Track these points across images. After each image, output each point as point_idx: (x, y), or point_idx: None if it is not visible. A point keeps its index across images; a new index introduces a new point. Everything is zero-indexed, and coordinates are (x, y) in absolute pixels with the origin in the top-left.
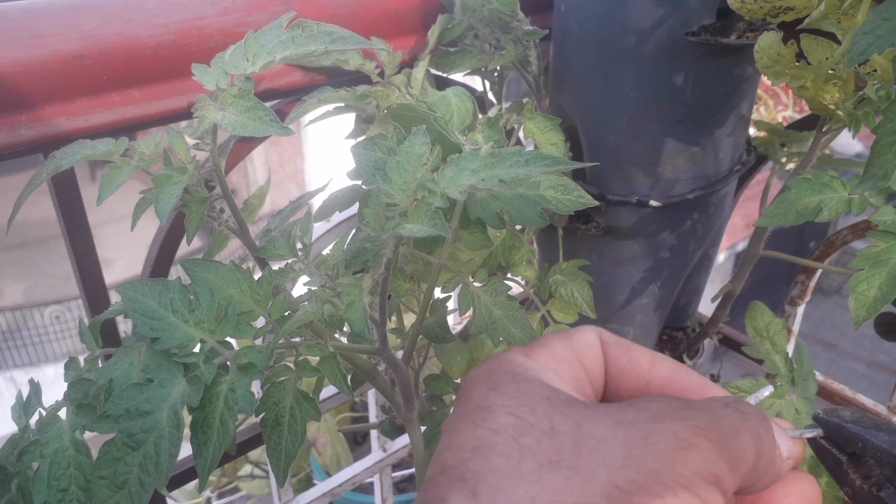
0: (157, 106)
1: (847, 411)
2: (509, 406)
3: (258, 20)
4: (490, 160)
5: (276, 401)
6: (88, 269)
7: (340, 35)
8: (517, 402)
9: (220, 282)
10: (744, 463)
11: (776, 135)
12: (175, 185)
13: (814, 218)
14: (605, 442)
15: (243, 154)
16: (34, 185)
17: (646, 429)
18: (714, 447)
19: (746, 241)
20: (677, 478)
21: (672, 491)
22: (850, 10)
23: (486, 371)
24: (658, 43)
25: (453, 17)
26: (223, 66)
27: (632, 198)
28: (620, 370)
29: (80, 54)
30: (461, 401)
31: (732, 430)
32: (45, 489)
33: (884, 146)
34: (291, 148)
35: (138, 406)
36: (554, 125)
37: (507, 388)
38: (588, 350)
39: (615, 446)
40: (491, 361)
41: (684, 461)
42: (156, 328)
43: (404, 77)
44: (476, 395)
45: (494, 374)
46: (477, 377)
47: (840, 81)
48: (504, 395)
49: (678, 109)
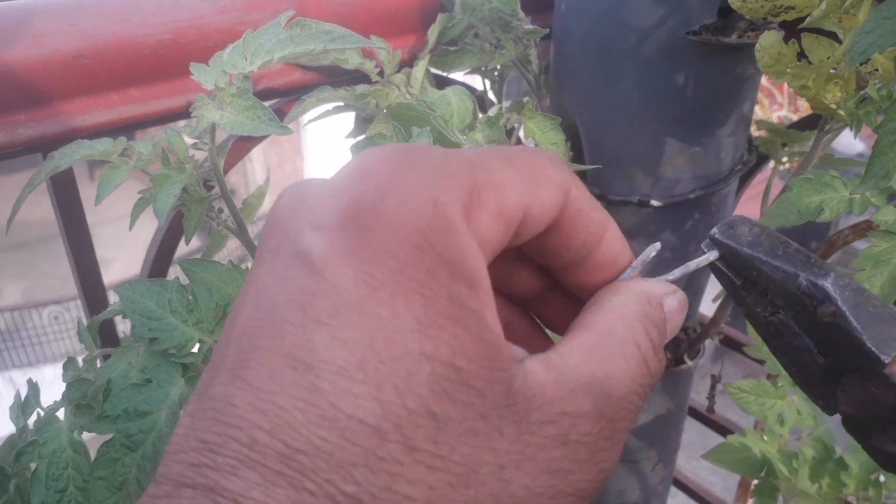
0: (156, 105)
1: (746, 226)
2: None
3: (257, 19)
4: None
5: None
6: (87, 270)
7: (339, 34)
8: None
9: (219, 282)
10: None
11: (777, 134)
12: (173, 185)
13: (815, 218)
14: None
15: (242, 153)
16: (33, 186)
17: None
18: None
19: None
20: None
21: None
22: (851, 10)
23: (386, 193)
24: (659, 42)
25: (453, 16)
26: (222, 66)
27: (633, 197)
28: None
29: (78, 53)
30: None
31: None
32: (43, 489)
33: (885, 146)
34: (290, 147)
35: (136, 406)
36: (554, 124)
37: (387, 268)
38: (547, 211)
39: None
40: (407, 169)
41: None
42: (154, 328)
43: (404, 76)
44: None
45: (390, 222)
46: (368, 196)
47: (841, 81)
48: (375, 286)
49: (679, 109)
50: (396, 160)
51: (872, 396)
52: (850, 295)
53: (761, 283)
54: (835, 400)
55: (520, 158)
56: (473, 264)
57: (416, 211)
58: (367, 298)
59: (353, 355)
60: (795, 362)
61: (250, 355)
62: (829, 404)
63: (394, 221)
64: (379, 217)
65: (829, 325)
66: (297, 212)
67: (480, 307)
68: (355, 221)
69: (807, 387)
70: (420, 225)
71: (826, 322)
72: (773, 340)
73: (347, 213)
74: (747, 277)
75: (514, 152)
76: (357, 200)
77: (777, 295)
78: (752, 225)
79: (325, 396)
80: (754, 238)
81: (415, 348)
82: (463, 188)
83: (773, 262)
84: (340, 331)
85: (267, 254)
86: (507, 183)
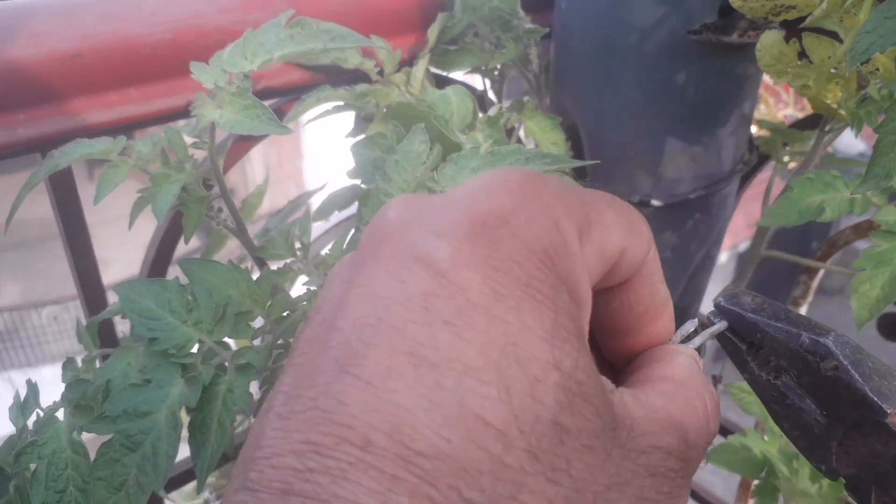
0: (155, 105)
1: (748, 296)
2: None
3: (257, 18)
4: (490, 158)
5: None
6: (86, 269)
7: (339, 33)
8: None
9: (219, 282)
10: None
11: (778, 134)
12: (173, 185)
13: (816, 218)
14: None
15: (242, 153)
16: (32, 185)
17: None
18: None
19: (748, 241)
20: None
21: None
22: (852, 9)
23: (514, 208)
24: (659, 41)
25: (453, 16)
26: (221, 65)
27: (633, 197)
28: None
29: (77, 53)
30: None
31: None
32: (43, 490)
33: (886, 146)
34: (290, 147)
35: (136, 407)
36: (555, 124)
37: (515, 278)
38: (635, 260)
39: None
40: (532, 191)
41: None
42: (154, 328)
43: (404, 76)
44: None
45: (518, 234)
46: (495, 209)
47: (842, 80)
48: (503, 294)
49: (680, 108)
50: (520, 182)
51: (873, 451)
52: (851, 351)
53: (766, 345)
54: (834, 464)
55: (619, 205)
56: (585, 288)
57: (541, 229)
58: (495, 304)
59: (480, 356)
60: (797, 426)
61: (364, 351)
62: (831, 469)
63: (521, 235)
64: (507, 229)
65: (831, 379)
66: (413, 221)
67: (588, 330)
68: (483, 231)
69: (809, 451)
70: (545, 243)
71: (829, 377)
72: (776, 405)
73: (474, 223)
74: (752, 342)
75: (612, 199)
76: (483, 213)
77: (781, 355)
78: (755, 295)
79: (451, 395)
80: (757, 306)
81: (542, 356)
82: (578, 217)
83: (776, 323)
84: (466, 331)
85: (374, 260)
86: (610, 224)
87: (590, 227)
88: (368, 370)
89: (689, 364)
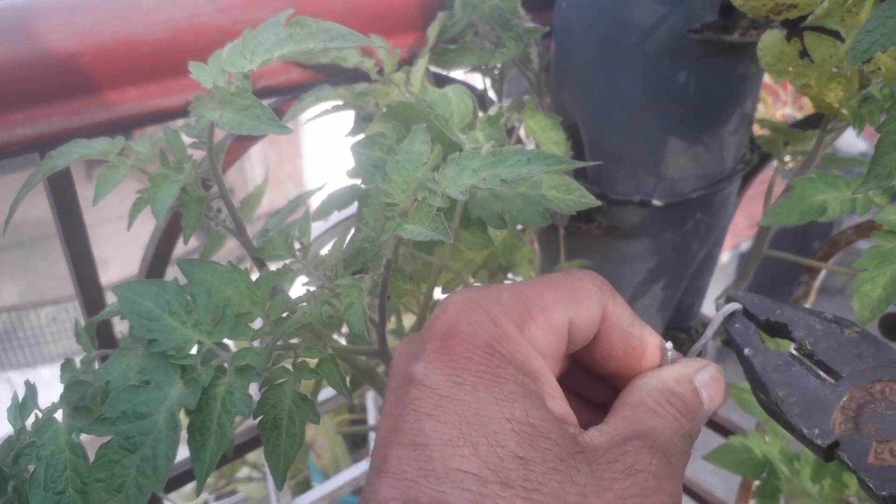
0: (154, 104)
1: (755, 296)
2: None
3: (256, 17)
4: (491, 159)
5: (274, 403)
6: (84, 270)
7: (339, 32)
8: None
9: (218, 282)
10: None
11: (780, 133)
12: (172, 185)
13: (818, 217)
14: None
15: (241, 153)
16: (31, 186)
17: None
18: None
19: (750, 240)
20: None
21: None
22: (853, 8)
23: (458, 321)
24: (661, 40)
25: (453, 14)
26: (221, 64)
27: (634, 197)
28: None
29: (76, 52)
30: (406, 359)
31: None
32: (42, 492)
33: (888, 145)
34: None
35: (135, 408)
36: (555, 123)
37: (467, 369)
38: (588, 323)
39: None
40: (472, 304)
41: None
42: (153, 330)
43: (404, 75)
44: (425, 363)
45: (463, 339)
46: (446, 326)
47: (844, 79)
48: (461, 382)
49: (681, 108)
50: (464, 298)
51: (889, 404)
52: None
53: (784, 318)
54: (831, 425)
55: (563, 282)
56: (533, 363)
57: (481, 328)
58: (457, 391)
59: (453, 430)
60: (797, 391)
61: (387, 454)
62: (825, 431)
63: (466, 337)
64: (456, 336)
65: (855, 341)
66: (403, 356)
67: (542, 393)
68: (440, 343)
69: (802, 417)
70: (486, 337)
71: (852, 339)
72: (776, 374)
73: (434, 339)
74: (768, 318)
75: (558, 278)
76: (439, 329)
77: (799, 326)
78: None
79: (438, 461)
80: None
81: (496, 415)
82: (514, 310)
83: (791, 307)
84: (442, 417)
85: (392, 392)
86: (551, 303)
87: (530, 314)
88: (389, 466)
89: (646, 385)
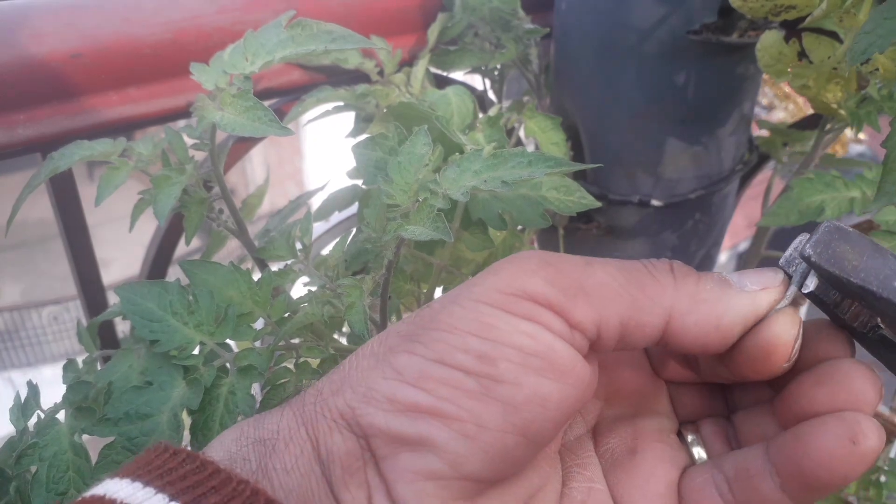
0: (156, 105)
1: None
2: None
3: (257, 19)
4: (493, 161)
5: (276, 403)
6: (86, 270)
7: (340, 34)
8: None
9: (220, 283)
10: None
11: (778, 134)
12: (173, 186)
13: (816, 218)
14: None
15: (242, 153)
16: (33, 187)
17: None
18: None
19: (748, 241)
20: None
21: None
22: (851, 9)
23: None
24: (660, 41)
25: (453, 16)
26: (222, 66)
27: (633, 197)
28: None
29: (77, 53)
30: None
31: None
32: (44, 492)
33: (895, 160)
34: (290, 147)
35: (138, 409)
36: (555, 124)
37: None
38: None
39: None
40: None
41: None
42: (155, 330)
43: (404, 76)
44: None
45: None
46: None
47: (842, 80)
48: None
49: (680, 108)
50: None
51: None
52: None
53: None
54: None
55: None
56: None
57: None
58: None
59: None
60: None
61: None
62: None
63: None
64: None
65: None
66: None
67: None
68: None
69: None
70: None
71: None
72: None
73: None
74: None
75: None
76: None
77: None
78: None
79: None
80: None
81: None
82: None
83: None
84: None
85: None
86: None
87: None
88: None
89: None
